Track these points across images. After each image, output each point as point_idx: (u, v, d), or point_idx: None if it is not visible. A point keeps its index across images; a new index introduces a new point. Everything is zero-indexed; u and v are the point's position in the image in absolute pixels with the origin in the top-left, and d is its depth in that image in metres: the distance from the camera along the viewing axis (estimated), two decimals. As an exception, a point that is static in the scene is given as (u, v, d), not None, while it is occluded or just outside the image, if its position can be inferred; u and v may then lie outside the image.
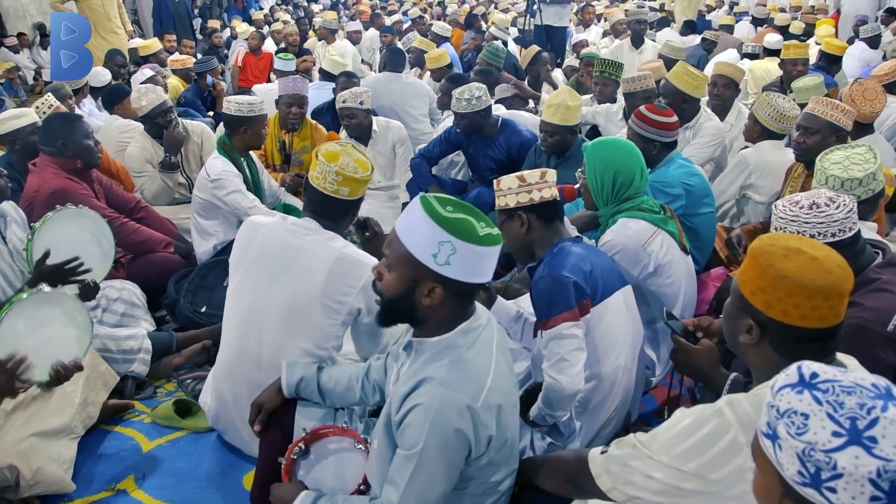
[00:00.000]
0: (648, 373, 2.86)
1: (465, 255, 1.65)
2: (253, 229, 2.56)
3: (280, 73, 6.85)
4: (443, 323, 1.78)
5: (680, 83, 4.30)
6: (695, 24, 10.76)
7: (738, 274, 1.56)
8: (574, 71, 7.18)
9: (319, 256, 2.41)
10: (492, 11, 12.32)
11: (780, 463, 1.07)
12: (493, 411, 1.71)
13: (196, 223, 4.02)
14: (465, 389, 1.68)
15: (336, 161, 2.40)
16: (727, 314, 1.61)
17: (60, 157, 3.55)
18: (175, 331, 3.46)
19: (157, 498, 2.59)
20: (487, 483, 1.83)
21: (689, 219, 3.33)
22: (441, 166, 5.25)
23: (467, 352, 1.75)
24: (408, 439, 1.69)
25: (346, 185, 2.42)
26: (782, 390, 1.09)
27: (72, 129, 3.55)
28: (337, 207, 2.48)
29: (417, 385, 1.71)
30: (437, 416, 1.64)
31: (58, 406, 2.66)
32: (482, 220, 1.71)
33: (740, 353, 1.60)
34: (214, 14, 14.97)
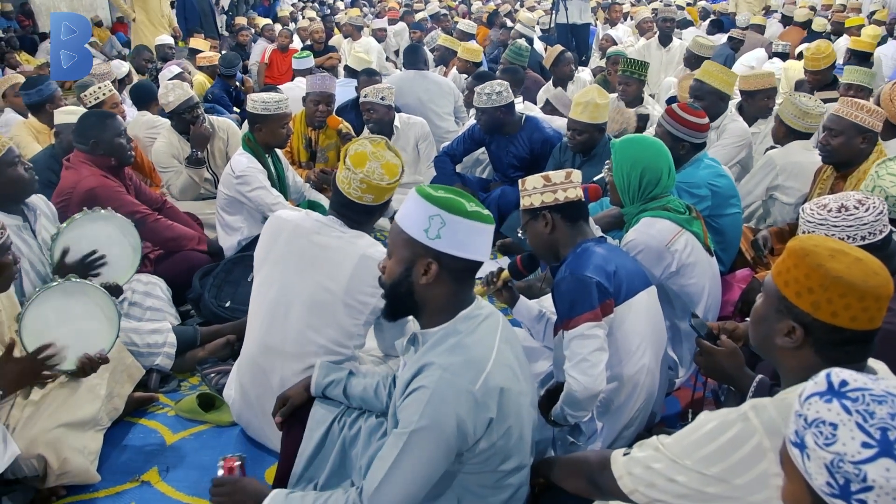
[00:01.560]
0: (671, 374, 2.84)
1: (455, 228, 1.72)
2: (279, 224, 2.57)
3: (299, 72, 6.88)
4: (442, 308, 1.82)
5: (717, 82, 4.22)
6: (722, 23, 10.65)
7: (775, 275, 1.52)
8: (601, 70, 7.14)
9: (344, 254, 2.41)
10: (518, 10, 12.27)
11: (808, 473, 1.05)
12: (493, 394, 1.72)
13: (221, 218, 4.06)
14: (464, 373, 1.70)
15: (362, 167, 2.37)
16: (760, 317, 1.58)
17: (94, 155, 3.58)
18: (200, 325, 3.49)
19: (180, 490, 2.61)
20: (495, 472, 1.82)
21: (714, 219, 3.30)
22: (466, 164, 5.26)
23: (467, 337, 1.77)
24: (403, 419, 1.72)
25: (371, 192, 2.41)
26: (810, 399, 1.07)
27: (104, 128, 3.56)
28: (361, 212, 2.48)
29: (420, 370, 1.74)
30: (434, 397, 1.67)
31: (84, 398, 2.69)
32: (472, 201, 1.78)
33: (772, 356, 1.57)
34: (241, 11, 15.07)
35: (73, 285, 2.60)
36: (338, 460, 2.12)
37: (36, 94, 4.74)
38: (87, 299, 2.60)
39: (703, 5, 13.31)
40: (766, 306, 1.56)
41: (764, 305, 1.57)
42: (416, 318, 1.88)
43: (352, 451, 2.13)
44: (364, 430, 2.15)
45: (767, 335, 1.55)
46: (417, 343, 1.88)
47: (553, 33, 9.59)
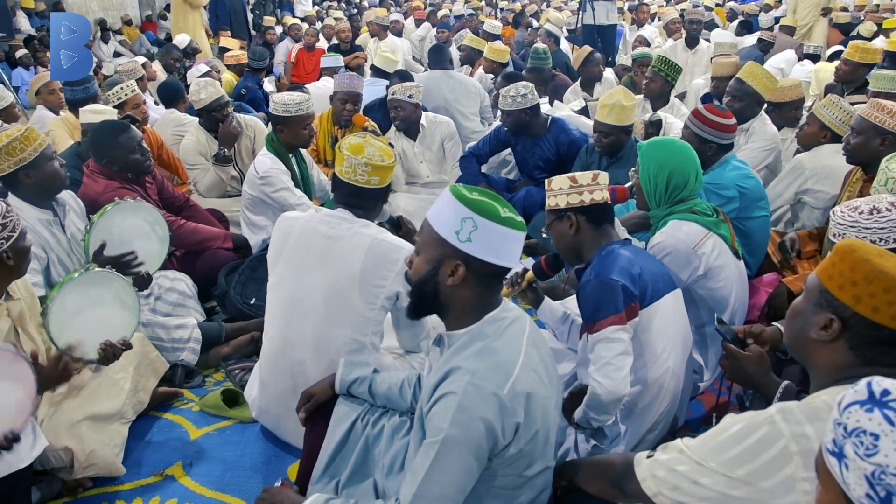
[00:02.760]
0: (696, 377, 2.81)
1: (486, 232, 1.71)
2: (288, 225, 2.61)
3: (327, 71, 6.91)
4: (468, 310, 1.81)
5: (756, 83, 4.16)
6: (750, 24, 10.54)
7: (819, 272, 1.51)
8: (626, 70, 7.10)
9: (355, 243, 2.46)
10: (545, 10, 12.24)
11: (846, 483, 1.02)
12: (520, 399, 1.70)
13: (246, 217, 4.09)
14: (491, 377, 1.68)
15: (362, 153, 2.47)
16: (797, 310, 1.57)
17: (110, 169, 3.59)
18: (224, 322, 3.52)
19: (203, 485, 2.64)
20: (521, 476, 1.81)
21: (742, 222, 3.26)
22: (491, 165, 5.25)
23: (495, 341, 1.76)
24: (433, 427, 1.70)
25: (376, 174, 2.49)
26: (850, 407, 1.04)
27: (116, 146, 3.53)
28: (370, 197, 2.54)
29: (446, 375, 1.73)
30: (463, 403, 1.65)
31: (109, 391, 2.73)
32: (506, 206, 1.76)
33: (804, 352, 1.55)
34: (268, 10, 15.18)
35: (96, 275, 2.63)
36: (360, 458, 2.13)
37: (81, 92, 4.84)
38: (109, 288, 2.63)
39: (732, 6, 13.18)
40: (805, 301, 1.55)
41: (803, 300, 1.56)
42: (441, 318, 1.87)
43: (374, 449, 2.13)
44: (387, 428, 2.15)
45: (803, 328, 1.53)
46: (443, 344, 1.87)
47: (579, 34, 9.55)
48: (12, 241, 2.27)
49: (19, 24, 12.63)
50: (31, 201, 3.00)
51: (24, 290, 2.56)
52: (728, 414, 1.60)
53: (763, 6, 12.30)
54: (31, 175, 2.93)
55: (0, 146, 2.85)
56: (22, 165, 2.90)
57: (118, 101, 4.67)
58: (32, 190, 2.98)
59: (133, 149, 3.58)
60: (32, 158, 2.91)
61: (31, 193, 2.99)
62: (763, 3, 12.72)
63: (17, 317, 2.45)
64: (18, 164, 2.89)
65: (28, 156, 2.90)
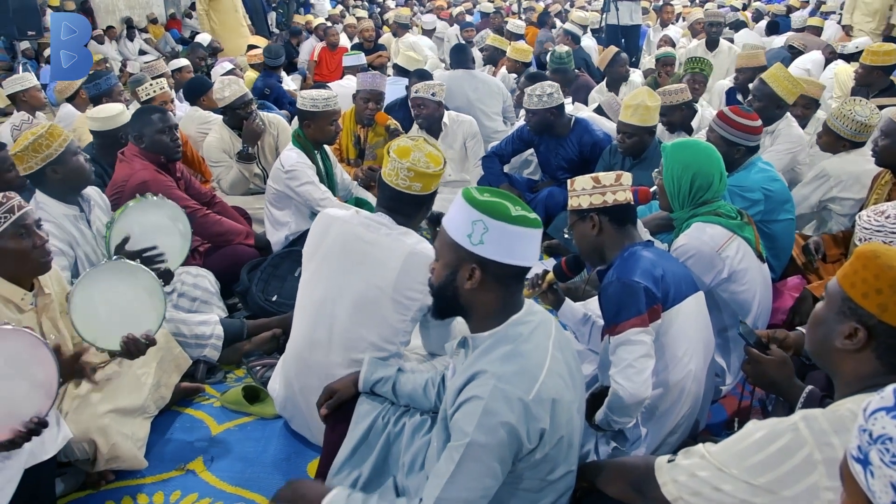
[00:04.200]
0: (718, 381, 2.79)
1: (498, 233, 1.69)
2: (328, 222, 2.59)
3: (350, 70, 6.92)
4: (490, 313, 1.80)
5: (779, 87, 4.12)
6: (778, 25, 10.43)
7: (840, 278, 1.49)
8: (651, 71, 7.06)
9: (392, 251, 2.43)
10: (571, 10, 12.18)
11: (871, 490, 1.01)
12: (546, 405, 1.69)
13: (269, 213, 4.11)
14: (517, 382, 1.67)
15: (408, 157, 2.40)
16: (820, 319, 1.54)
17: (143, 150, 3.66)
18: (246, 318, 3.54)
19: (224, 480, 2.66)
20: (544, 480, 1.81)
21: (766, 225, 3.23)
22: (513, 165, 5.24)
23: (521, 345, 1.74)
24: (458, 431, 1.69)
25: (419, 180, 2.41)
26: (876, 413, 1.02)
27: (146, 123, 3.64)
28: (410, 203, 2.48)
29: (471, 378, 1.72)
30: (488, 408, 1.64)
31: (133, 386, 2.76)
32: (518, 204, 1.74)
33: (829, 361, 1.53)
34: (291, 9, 15.26)
35: (121, 265, 2.64)
36: (381, 456, 2.12)
37: (93, 88, 5.02)
38: (134, 281, 2.63)
39: (758, 6, 13.03)
40: (827, 308, 1.52)
41: (825, 308, 1.53)
42: (466, 320, 1.86)
43: (395, 447, 2.13)
44: (408, 426, 2.15)
45: (827, 338, 1.51)
46: (468, 347, 1.86)
47: (603, 34, 9.51)
48: None
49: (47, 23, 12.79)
50: (57, 197, 3.05)
51: (56, 286, 2.59)
52: (751, 420, 1.58)
53: (788, 6, 12.17)
54: (57, 171, 2.97)
55: (26, 143, 2.90)
56: (49, 161, 2.94)
57: (147, 97, 4.74)
58: (59, 186, 3.01)
59: (162, 129, 3.66)
60: (58, 154, 2.95)
61: (57, 189, 3.03)
62: (788, 3, 12.57)
63: (44, 310, 2.49)
64: (45, 160, 2.93)
65: (54, 151, 2.94)
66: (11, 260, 2.35)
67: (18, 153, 2.92)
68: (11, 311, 2.40)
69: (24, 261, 2.37)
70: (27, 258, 2.36)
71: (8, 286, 2.39)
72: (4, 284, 2.38)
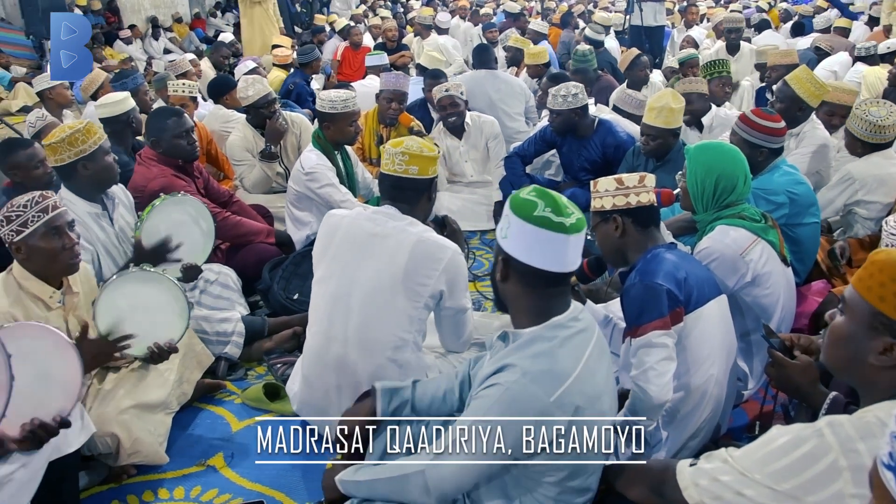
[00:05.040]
0: (740, 385, 2.77)
1: (518, 230, 1.73)
2: (334, 222, 2.64)
3: (373, 70, 6.94)
4: (523, 310, 1.83)
5: (801, 90, 4.06)
6: (804, 26, 10.31)
7: (864, 291, 1.44)
8: (674, 73, 7.01)
9: (400, 241, 2.47)
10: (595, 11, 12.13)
11: None
12: (567, 410, 1.70)
13: (290, 213, 4.14)
14: (543, 381, 1.69)
15: (401, 145, 2.50)
16: (845, 336, 1.49)
17: (160, 153, 3.69)
18: (268, 316, 3.56)
19: (243, 477, 2.67)
20: (560, 485, 1.80)
21: (791, 229, 3.20)
22: (535, 166, 5.23)
23: (555, 348, 1.75)
24: (473, 408, 1.76)
25: (414, 162, 2.48)
26: None
27: (163, 128, 3.67)
28: (410, 188, 2.53)
29: (500, 369, 1.75)
30: (506, 396, 1.69)
31: (154, 382, 2.78)
32: (553, 205, 1.73)
33: (859, 376, 1.48)
34: (315, 9, 15.33)
35: (148, 274, 2.69)
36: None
37: (120, 87, 5.07)
38: (160, 289, 2.68)
39: (785, 7, 12.89)
40: (852, 324, 1.47)
41: (850, 323, 1.48)
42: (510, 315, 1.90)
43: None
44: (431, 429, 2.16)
45: (857, 355, 1.46)
46: (507, 340, 1.87)
47: (626, 35, 9.46)
48: (24, 235, 2.35)
49: (75, 22, 12.94)
50: (82, 194, 3.08)
51: (85, 285, 2.64)
52: (775, 425, 1.57)
53: (816, 8, 12.02)
54: (88, 167, 3.00)
55: (63, 136, 2.94)
56: (81, 157, 2.98)
57: (173, 93, 4.81)
58: (87, 182, 3.05)
59: (179, 134, 3.69)
60: (91, 151, 2.99)
61: (84, 186, 3.06)
62: (815, 3, 12.41)
63: (71, 309, 2.53)
64: (78, 155, 2.97)
65: (88, 148, 2.98)
66: (40, 258, 2.40)
67: (53, 144, 2.96)
68: (40, 309, 2.45)
69: (53, 261, 2.42)
70: (56, 259, 2.42)
71: (37, 283, 2.44)
72: (34, 281, 2.44)
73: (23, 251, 2.40)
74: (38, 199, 2.37)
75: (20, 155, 3.45)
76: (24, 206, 2.35)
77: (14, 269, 2.46)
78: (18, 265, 2.44)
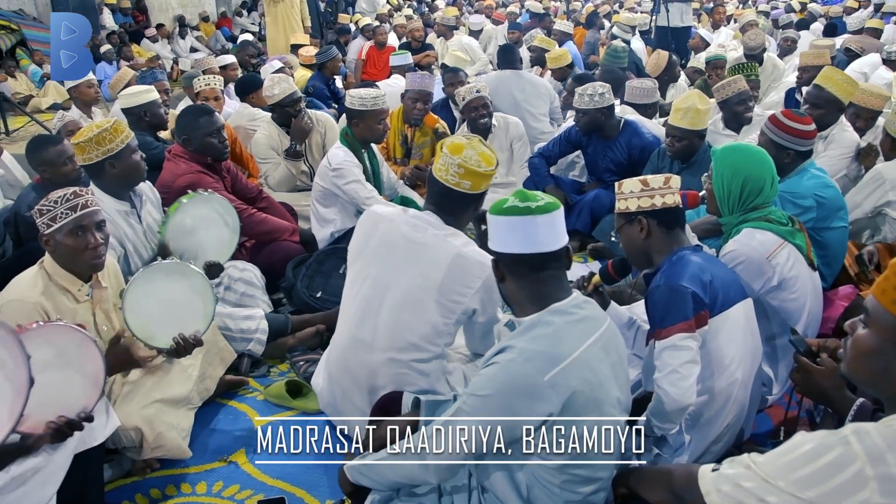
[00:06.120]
0: (765, 390, 2.74)
1: (494, 227, 1.88)
2: (374, 220, 2.60)
3: (397, 70, 6.95)
4: (522, 302, 1.91)
5: (836, 89, 3.99)
6: (835, 27, 10.18)
7: (889, 304, 1.37)
8: (698, 73, 6.94)
9: (439, 252, 2.42)
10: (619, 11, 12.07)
11: None
12: (560, 391, 1.74)
13: (315, 210, 4.16)
14: (537, 361, 1.75)
15: (460, 153, 2.38)
16: (872, 349, 1.43)
17: (191, 152, 3.74)
18: (291, 314, 3.57)
19: (265, 473, 2.69)
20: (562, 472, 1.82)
21: (819, 232, 3.16)
22: (559, 166, 5.20)
23: (554, 331, 1.81)
24: (471, 385, 1.84)
25: (468, 178, 2.40)
26: None
27: (195, 126, 3.71)
28: (458, 200, 2.47)
29: (500, 350, 1.83)
30: (501, 373, 1.77)
31: (178, 377, 2.81)
32: (523, 196, 1.88)
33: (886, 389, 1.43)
34: (340, 8, 15.39)
35: (174, 266, 2.72)
36: None
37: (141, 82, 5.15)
38: (186, 281, 2.71)
39: (813, 8, 12.71)
40: (879, 337, 1.41)
41: (876, 336, 1.42)
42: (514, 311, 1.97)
43: None
44: None
45: (887, 370, 1.41)
46: (513, 327, 1.95)
47: (652, 36, 9.40)
48: (52, 230, 2.40)
49: (104, 21, 13.12)
50: (110, 192, 3.11)
51: (113, 279, 2.67)
52: (799, 431, 1.54)
53: (846, 8, 11.86)
54: (115, 165, 3.04)
55: (91, 135, 2.98)
56: (108, 156, 3.01)
57: (197, 90, 4.88)
58: (114, 180, 3.08)
59: (211, 132, 3.73)
60: (119, 149, 3.02)
61: (112, 184, 3.09)
62: (844, 4, 12.25)
63: (99, 302, 2.56)
64: (106, 153, 3.00)
65: (115, 146, 3.01)
66: (64, 254, 2.45)
67: (81, 143, 2.99)
68: (69, 301, 2.49)
69: (75, 258, 2.46)
70: (78, 257, 2.46)
71: (66, 276, 2.49)
72: (63, 274, 2.48)
73: (51, 244, 2.44)
74: (69, 197, 2.41)
75: (50, 152, 3.51)
76: (56, 202, 2.40)
77: (45, 261, 2.50)
78: (49, 257, 2.49)
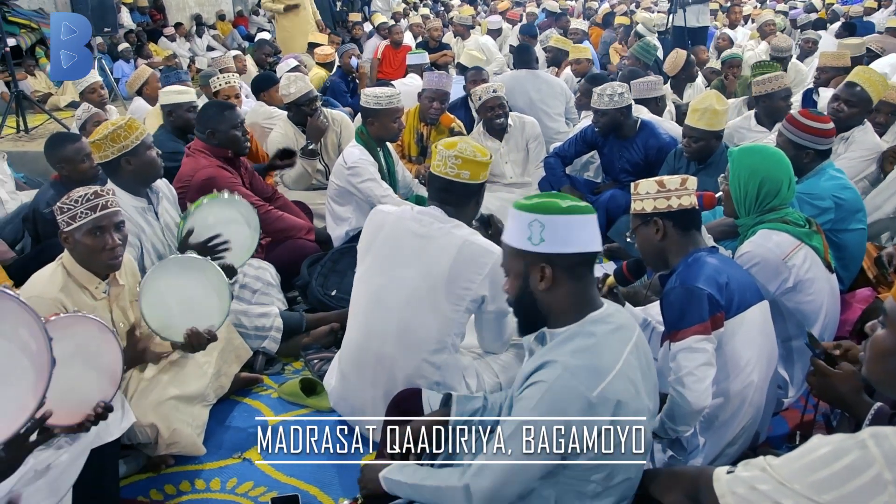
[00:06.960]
0: (780, 393, 2.72)
1: (554, 227, 1.77)
2: (381, 218, 2.64)
3: (413, 69, 6.95)
4: (566, 309, 1.82)
5: (872, 88, 3.95)
6: (854, 27, 10.09)
7: None
8: (715, 73, 6.90)
9: (445, 244, 2.47)
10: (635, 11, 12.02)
11: None
12: (608, 405, 1.69)
13: (331, 209, 4.17)
14: (584, 377, 1.69)
15: (454, 147, 2.48)
16: (889, 350, 1.44)
17: (211, 145, 3.76)
18: (306, 312, 3.59)
19: (279, 470, 2.69)
20: (599, 483, 1.79)
21: (836, 234, 3.13)
22: (574, 167, 5.19)
23: (595, 343, 1.76)
24: (517, 408, 1.76)
25: (467, 167, 2.48)
26: None
27: (221, 120, 3.74)
28: (460, 192, 2.54)
29: (541, 366, 1.76)
30: (549, 394, 1.69)
31: (193, 374, 2.82)
32: (566, 198, 1.82)
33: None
34: (356, 7, 15.43)
35: (190, 260, 2.74)
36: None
37: (174, 77, 5.17)
38: (202, 276, 2.72)
39: (835, 8, 12.60)
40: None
41: (893, 337, 1.42)
42: (546, 324, 1.87)
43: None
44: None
45: None
46: (545, 340, 1.88)
47: (669, 36, 9.35)
48: (71, 228, 2.42)
49: (122, 20, 13.20)
50: (127, 189, 3.13)
51: (130, 277, 2.69)
52: (816, 434, 1.53)
53: (866, 9, 11.74)
54: (131, 162, 3.06)
55: (105, 133, 3.00)
56: (124, 152, 3.04)
57: (216, 89, 4.90)
58: (131, 177, 3.11)
59: (235, 125, 3.78)
60: (133, 146, 3.05)
61: (128, 181, 3.12)
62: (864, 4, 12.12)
63: (116, 299, 2.59)
64: (121, 150, 3.03)
65: (130, 143, 3.04)
66: (82, 252, 2.47)
67: (97, 141, 3.02)
68: (87, 298, 2.52)
69: (93, 257, 2.48)
70: (96, 256, 2.48)
71: (84, 273, 2.51)
72: (81, 271, 2.51)
73: (70, 242, 2.47)
74: (90, 196, 2.43)
75: (68, 149, 3.55)
76: (77, 201, 2.42)
77: (64, 258, 2.53)
78: (68, 254, 2.51)
